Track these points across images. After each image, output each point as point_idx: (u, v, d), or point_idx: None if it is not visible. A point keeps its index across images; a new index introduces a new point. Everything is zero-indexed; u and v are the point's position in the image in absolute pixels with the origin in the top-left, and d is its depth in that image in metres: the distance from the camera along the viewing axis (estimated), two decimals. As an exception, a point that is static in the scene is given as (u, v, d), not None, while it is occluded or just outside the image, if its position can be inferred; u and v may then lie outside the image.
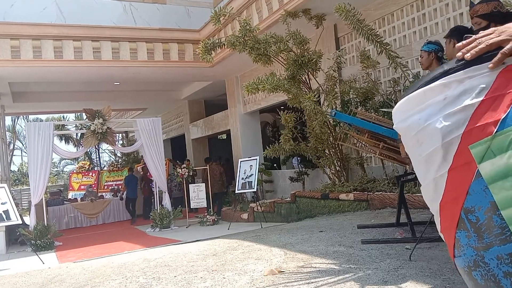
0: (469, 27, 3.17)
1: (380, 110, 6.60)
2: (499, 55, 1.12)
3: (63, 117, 28.60)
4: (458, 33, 3.01)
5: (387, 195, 6.02)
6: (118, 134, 21.56)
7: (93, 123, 9.86)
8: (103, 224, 13.35)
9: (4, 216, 7.15)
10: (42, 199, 9.45)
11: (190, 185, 11.04)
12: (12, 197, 7.75)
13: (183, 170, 11.11)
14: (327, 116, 6.88)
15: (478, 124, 1.11)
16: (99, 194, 15.16)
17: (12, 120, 30.90)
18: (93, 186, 15.87)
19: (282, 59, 7.60)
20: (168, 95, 15.96)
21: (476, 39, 1.18)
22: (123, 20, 10.45)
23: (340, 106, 7.67)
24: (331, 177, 7.95)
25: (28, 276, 5.13)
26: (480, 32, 1.20)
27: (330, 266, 3.41)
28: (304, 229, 5.57)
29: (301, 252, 4.04)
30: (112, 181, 16.29)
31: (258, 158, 9.42)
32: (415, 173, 3.94)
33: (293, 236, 5.04)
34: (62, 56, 9.59)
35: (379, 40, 6.32)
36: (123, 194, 13.52)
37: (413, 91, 1.25)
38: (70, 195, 15.83)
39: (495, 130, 1.08)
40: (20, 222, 7.73)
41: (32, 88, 12.81)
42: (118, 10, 10.51)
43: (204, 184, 11.03)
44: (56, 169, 34.10)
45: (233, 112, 12.87)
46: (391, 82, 7.23)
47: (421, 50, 3.82)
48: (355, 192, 6.65)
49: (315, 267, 3.44)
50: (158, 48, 10.51)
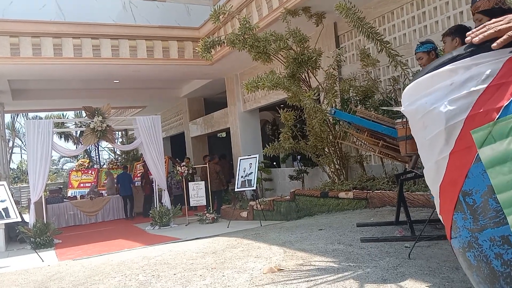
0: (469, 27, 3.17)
1: (380, 108, 6.60)
2: (504, 37, 1.14)
3: (63, 114, 28.61)
4: (462, 31, 3.00)
5: (386, 193, 6.02)
6: (117, 132, 21.61)
7: (92, 121, 9.85)
8: (102, 222, 13.34)
9: (3, 214, 7.15)
10: (41, 196, 9.44)
11: (189, 183, 11.04)
12: (12, 194, 7.75)
13: (182, 168, 11.11)
14: (327, 114, 6.88)
15: (481, 110, 1.14)
16: (100, 191, 15.13)
17: (11, 117, 30.88)
18: (93, 183, 15.86)
19: (281, 57, 7.59)
20: (168, 93, 15.94)
21: (486, 25, 1.21)
22: (123, 18, 10.43)
23: (339, 105, 7.67)
24: (331, 175, 7.95)
25: (28, 273, 5.14)
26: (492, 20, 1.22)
27: (329, 264, 3.41)
28: (303, 227, 5.58)
29: (300, 250, 4.04)
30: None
31: (257, 156, 9.42)
32: (414, 171, 3.92)
33: (292, 234, 5.04)
34: (62, 54, 9.58)
35: (379, 38, 6.31)
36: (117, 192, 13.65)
37: (422, 76, 1.29)
38: (70, 193, 15.81)
39: (497, 117, 1.11)
40: (19, 219, 7.73)
41: (31, 86, 12.79)
42: (117, 8, 10.49)
43: (203, 182, 11.03)
44: (55, 167, 34.09)
45: (232, 110, 12.87)
46: (391, 80, 7.22)
47: (417, 53, 3.81)
48: (354, 190, 6.66)
49: (314, 265, 3.44)
50: (158, 46, 10.49)
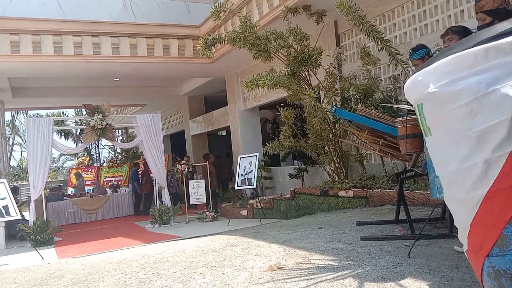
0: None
1: (381, 105, 6.60)
2: None
3: (63, 112, 28.60)
4: (467, 33, 2.97)
5: (386, 192, 6.02)
6: (117, 130, 21.63)
7: (92, 119, 9.84)
8: (102, 220, 13.35)
9: (3, 212, 7.15)
10: (41, 194, 9.45)
11: (189, 181, 11.04)
12: (12, 192, 7.75)
13: (182, 166, 11.11)
14: (327, 112, 6.87)
15: None
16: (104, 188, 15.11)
17: (11, 115, 30.89)
18: (92, 181, 15.87)
19: (282, 55, 7.58)
20: (168, 91, 15.94)
21: None
22: (123, 16, 10.42)
23: (340, 103, 7.66)
24: (331, 174, 7.95)
25: (28, 271, 5.14)
26: None
27: (329, 262, 3.41)
28: (303, 225, 5.58)
29: (300, 249, 4.05)
30: (112, 177, 16.28)
31: (257, 154, 9.42)
32: (414, 170, 3.90)
33: (292, 233, 5.05)
34: (62, 52, 9.57)
35: (379, 36, 6.30)
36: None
37: (465, 49, 1.00)
38: (70, 190, 15.82)
39: None
40: (19, 217, 7.73)
41: (31, 84, 12.79)
42: (118, 6, 10.48)
43: (203, 180, 11.03)
44: (55, 164, 34.11)
45: (233, 109, 12.86)
46: (392, 79, 7.22)
47: (411, 60, 3.80)
48: (354, 189, 6.66)
49: (314, 264, 3.45)
50: (158, 44, 10.48)
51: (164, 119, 17.28)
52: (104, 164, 22.78)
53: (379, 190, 6.21)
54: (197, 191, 10.74)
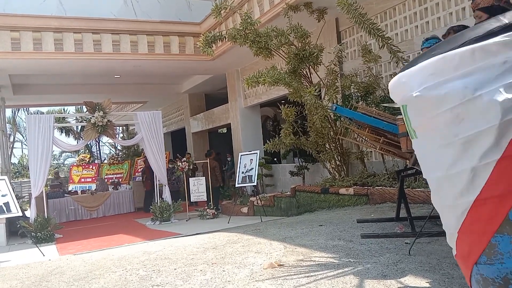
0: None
1: (381, 104, 6.59)
2: None
3: (64, 109, 28.58)
4: None
5: (387, 189, 6.02)
6: (118, 127, 21.61)
7: (93, 116, 9.84)
8: (103, 217, 13.37)
9: (4, 208, 7.16)
10: (42, 191, 9.46)
11: (190, 178, 11.05)
12: (13, 189, 7.76)
13: (183, 163, 11.11)
14: (328, 110, 6.87)
15: None
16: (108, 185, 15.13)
17: (12, 112, 30.87)
18: (95, 177, 15.89)
19: (283, 52, 7.57)
20: (169, 89, 15.93)
21: None
22: (124, 13, 10.40)
23: (341, 101, 7.65)
24: (331, 171, 7.95)
25: (29, 268, 5.15)
26: None
27: (330, 260, 3.42)
28: (304, 223, 5.58)
29: (300, 246, 4.05)
30: (112, 174, 16.30)
31: (258, 152, 9.41)
32: (415, 168, 3.90)
33: (292, 230, 5.05)
34: (63, 49, 9.56)
35: (380, 34, 6.29)
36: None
37: (450, 50, 0.94)
38: (70, 187, 15.84)
39: None
40: (20, 214, 7.75)
41: (32, 81, 12.78)
42: (118, 3, 10.47)
43: (204, 177, 11.04)
44: (56, 161, 34.12)
45: (233, 106, 12.86)
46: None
47: (422, 49, 3.81)
48: (355, 186, 6.66)
49: (315, 261, 3.45)
50: (159, 41, 10.47)
51: (164, 116, 17.27)
52: (105, 161, 22.81)
53: (380, 187, 6.21)
54: (197, 188, 10.74)
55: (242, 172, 9.34)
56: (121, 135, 23.68)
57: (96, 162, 22.58)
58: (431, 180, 1.07)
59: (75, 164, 18.83)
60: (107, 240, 8.32)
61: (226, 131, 18.33)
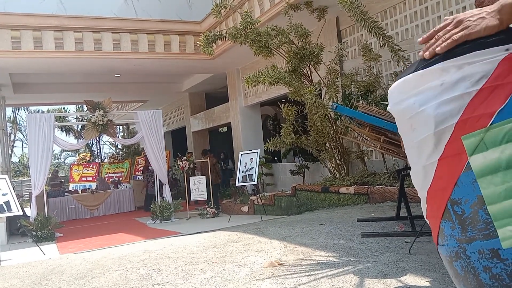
0: None
1: (382, 103, 6.59)
2: (448, 41, 1.11)
3: (64, 108, 28.59)
4: None
5: (387, 188, 6.02)
6: (118, 126, 21.61)
7: (93, 115, 9.85)
8: (103, 215, 13.39)
9: (5, 207, 7.17)
10: (43, 190, 9.47)
11: (190, 177, 11.05)
12: (13, 188, 7.77)
13: (183, 162, 11.12)
14: (328, 109, 6.87)
15: (473, 115, 1.07)
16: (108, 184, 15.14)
17: (13, 111, 30.90)
18: (95, 176, 15.91)
19: (283, 51, 7.56)
20: (169, 88, 15.93)
21: (436, 32, 1.16)
22: (124, 12, 10.40)
23: (341, 100, 7.65)
24: (332, 170, 7.95)
25: (29, 266, 5.16)
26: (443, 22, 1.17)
27: (330, 259, 3.42)
28: (304, 222, 5.59)
29: (301, 245, 4.05)
30: (113, 173, 16.31)
31: (258, 151, 9.42)
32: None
33: (293, 229, 5.05)
34: (63, 48, 9.56)
35: (381, 33, 6.28)
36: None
37: (410, 73, 1.20)
38: (71, 186, 15.86)
39: (490, 122, 1.05)
40: (21, 213, 7.75)
41: (32, 79, 12.78)
42: (119, 1, 10.47)
43: (204, 176, 11.04)
44: (56, 160, 34.14)
45: (234, 105, 12.85)
46: (393, 75, 7.20)
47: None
48: (355, 185, 6.66)
49: (315, 260, 3.45)
50: (159, 40, 10.47)
51: (165, 115, 17.27)
52: (106, 160, 22.82)
53: (380, 186, 6.21)
54: (198, 187, 10.75)
55: (243, 171, 9.34)
56: (121, 134, 23.68)
57: (96, 161, 22.59)
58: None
59: (75, 163, 18.84)
60: (108, 239, 8.33)
61: (226, 130, 18.33)
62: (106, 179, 15.58)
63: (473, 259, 1.09)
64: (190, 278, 3.37)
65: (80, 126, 26.68)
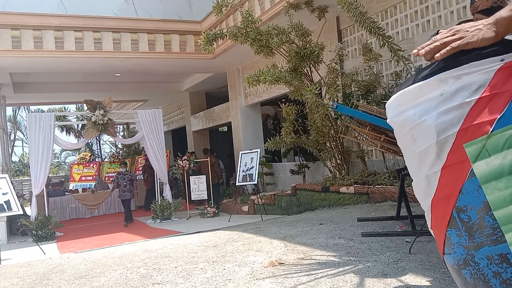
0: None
1: (382, 102, 6.59)
2: (448, 48, 1.13)
3: (64, 108, 28.60)
4: None
5: (387, 188, 6.02)
6: (119, 126, 21.61)
7: (94, 114, 9.85)
8: (104, 215, 13.39)
9: (5, 207, 7.18)
10: (43, 189, 9.47)
11: (191, 177, 11.06)
12: (14, 187, 7.77)
13: (184, 162, 11.12)
14: (329, 108, 6.87)
15: (474, 123, 1.10)
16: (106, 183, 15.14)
17: (13, 110, 30.89)
18: (94, 176, 15.90)
19: (284, 51, 7.56)
20: (169, 87, 15.92)
21: (435, 40, 1.18)
22: (124, 11, 10.40)
23: (341, 99, 7.65)
24: (332, 170, 7.95)
25: (30, 266, 5.16)
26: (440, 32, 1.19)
27: (330, 258, 3.42)
28: (304, 221, 5.59)
29: (301, 244, 4.05)
30: (113, 172, 16.30)
31: (259, 150, 9.42)
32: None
33: (293, 229, 5.05)
34: (63, 47, 9.56)
35: (381, 33, 6.28)
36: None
37: (408, 86, 1.23)
38: (71, 186, 15.86)
39: (491, 130, 1.07)
40: (21, 212, 7.76)
41: (33, 79, 12.78)
42: (119, 1, 10.46)
43: (204, 176, 11.05)
44: (57, 160, 34.16)
45: (234, 104, 12.85)
46: (393, 75, 7.20)
47: None
48: (355, 185, 6.66)
49: (315, 259, 3.45)
50: (159, 39, 10.46)
51: (165, 114, 17.27)
52: (106, 159, 22.82)
53: (380, 186, 6.21)
54: (198, 187, 10.75)
55: (243, 171, 9.34)
56: (121, 133, 23.68)
57: (96, 160, 22.59)
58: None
59: (76, 162, 18.84)
60: (108, 238, 8.33)
61: (226, 130, 18.33)
62: (106, 178, 15.57)
63: (482, 265, 1.09)
64: (191, 278, 3.37)
65: (80, 126, 26.70)
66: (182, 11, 10.97)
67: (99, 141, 29.45)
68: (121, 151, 19.75)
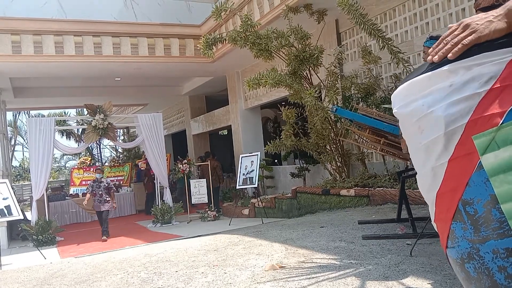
0: None
1: (382, 106, 6.59)
2: (459, 46, 1.11)
3: (64, 112, 28.63)
4: None
5: (388, 190, 6.02)
6: (119, 130, 21.64)
7: (94, 119, 9.86)
8: (104, 219, 13.35)
9: (6, 212, 7.17)
10: (43, 194, 9.46)
11: (191, 180, 11.05)
12: (14, 192, 7.77)
13: (184, 165, 11.12)
14: (328, 111, 6.87)
15: (483, 114, 1.08)
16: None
17: (13, 115, 30.91)
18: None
19: (283, 54, 7.58)
20: (169, 91, 15.95)
21: (443, 38, 1.16)
22: (124, 15, 10.42)
23: (341, 102, 7.66)
24: (332, 173, 7.95)
25: (30, 271, 5.16)
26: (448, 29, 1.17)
27: (331, 261, 3.41)
28: (305, 224, 5.58)
29: (302, 248, 4.05)
30: (113, 176, 16.31)
31: (259, 153, 9.42)
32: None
33: (294, 232, 5.05)
34: (63, 52, 9.58)
35: (381, 35, 6.29)
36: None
37: (417, 76, 1.21)
38: (72, 190, 15.86)
39: (501, 122, 1.05)
40: (21, 217, 7.75)
41: (33, 83, 12.80)
42: (118, 5, 10.49)
43: (205, 179, 11.05)
44: (57, 164, 34.17)
45: (234, 108, 12.87)
46: (393, 77, 7.21)
47: (423, 46, 3.80)
48: (356, 188, 6.66)
49: (316, 262, 3.45)
50: (159, 43, 10.49)
51: (165, 118, 17.28)
52: (106, 163, 22.82)
53: (381, 189, 6.20)
54: (198, 190, 10.75)
55: (243, 174, 9.34)
56: (121, 137, 23.70)
57: (97, 164, 22.58)
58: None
59: (76, 167, 18.84)
60: (109, 242, 8.32)
61: (226, 133, 18.34)
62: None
63: (487, 259, 1.07)
64: (191, 282, 3.36)
65: (80, 130, 26.70)
66: (182, 15, 11.00)
67: (100, 145, 29.47)
68: (121, 155, 19.75)
